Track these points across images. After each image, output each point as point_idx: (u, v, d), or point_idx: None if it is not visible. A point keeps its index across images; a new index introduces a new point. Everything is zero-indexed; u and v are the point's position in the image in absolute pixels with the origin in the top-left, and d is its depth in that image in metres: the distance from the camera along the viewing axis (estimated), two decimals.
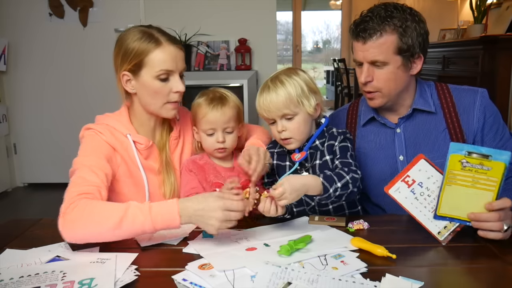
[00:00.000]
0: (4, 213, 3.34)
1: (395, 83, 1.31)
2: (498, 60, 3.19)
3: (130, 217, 1.04)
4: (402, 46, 1.27)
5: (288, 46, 9.25)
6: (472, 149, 1.05)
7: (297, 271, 0.92)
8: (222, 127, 1.30)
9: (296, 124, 1.26)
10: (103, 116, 1.34)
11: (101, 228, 1.05)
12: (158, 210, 1.05)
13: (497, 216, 1.03)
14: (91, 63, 3.84)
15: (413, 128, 1.38)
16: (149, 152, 1.34)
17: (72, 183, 1.15)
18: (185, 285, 0.89)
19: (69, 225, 1.06)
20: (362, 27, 1.27)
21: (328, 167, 1.27)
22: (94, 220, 1.05)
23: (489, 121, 1.33)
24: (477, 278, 0.94)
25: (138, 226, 1.04)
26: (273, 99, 1.24)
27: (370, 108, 1.43)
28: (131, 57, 1.24)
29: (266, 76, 1.36)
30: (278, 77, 1.27)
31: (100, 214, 1.06)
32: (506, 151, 1.04)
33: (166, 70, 1.24)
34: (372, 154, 1.41)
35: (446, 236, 1.10)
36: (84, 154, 1.23)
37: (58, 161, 3.89)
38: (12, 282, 0.90)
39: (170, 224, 1.05)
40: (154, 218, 1.04)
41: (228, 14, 3.81)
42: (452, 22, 4.81)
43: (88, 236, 1.06)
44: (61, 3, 3.78)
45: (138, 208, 1.05)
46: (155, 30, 1.28)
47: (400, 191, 1.13)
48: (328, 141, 1.29)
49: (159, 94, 1.26)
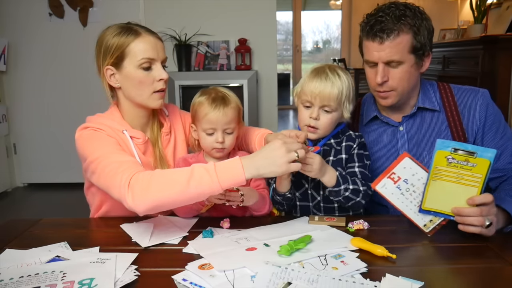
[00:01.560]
0: (4, 213, 3.34)
1: (409, 81, 1.31)
2: (498, 60, 3.19)
3: (197, 177, 1.04)
4: (416, 45, 1.27)
5: (288, 46, 9.24)
6: (458, 146, 1.07)
7: (297, 271, 0.92)
8: (222, 128, 1.30)
9: (329, 120, 1.27)
10: (95, 117, 1.33)
11: (171, 192, 1.05)
12: (222, 168, 1.05)
13: (478, 211, 1.05)
14: (91, 63, 3.81)
15: (416, 126, 1.39)
16: (145, 147, 1.35)
17: (112, 171, 1.13)
18: (185, 285, 0.89)
19: (140, 196, 1.06)
20: (379, 27, 1.26)
21: (342, 165, 1.29)
22: (163, 185, 1.05)
23: (490, 120, 1.34)
24: (477, 278, 0.94)
25: (206, 185, 1.04)
26: (327, 87, 1.24)
27: (373, 107, 1.44)
28: (112, 51, 1.26)
29: (266, 76, 1.36)
30: (336, 70, 1.28)
31: (167, 178, 1.06)
32: (492, 149, 1.06)
33: (148, 58, 1.26)
34: (374, 152, 1.42)
35: (431, 228, 1.13)
36: (96, 148, 1.21)
37: (58, 161, 3.89)
38: (12, 282, 0.90)
39: (235, 179, 1.04)
40: (220, 175, 1.04)
41: (228, 14, 3.81)
42: (452, 22, 4.81)
43: (160, 202, 1.06)
44: (61, 3, 3.78)
45: (203, 167, 1.06)
46: (132, 24, 1.30)
47: (386, 187, 1.16)
48: (346, 142, 1.31)
49: (143, 84, 1.27)
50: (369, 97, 1.49)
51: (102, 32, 1.31)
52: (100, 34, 1.31)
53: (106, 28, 1.31)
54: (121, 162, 1.15)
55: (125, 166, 1.13)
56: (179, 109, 1.51)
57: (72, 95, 3.90)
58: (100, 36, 1.31)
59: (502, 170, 1.31)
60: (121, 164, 1.14)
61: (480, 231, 1.06)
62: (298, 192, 1.34)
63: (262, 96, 3.91)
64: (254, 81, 3.72)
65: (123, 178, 1.09)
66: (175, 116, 1.46)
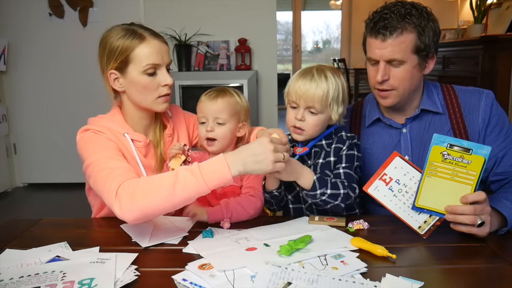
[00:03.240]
0: (4, 213, 3.34)
1: (410, 82, 1.30)
2: (498, 60, 3.20)
3: (181, 181, 1.03)
4: (420, 45, 1.25)
5: (288, 46, 9.24)
6: (454, 142, 1.08)
7: (297, 271, 0.92)
8: (212, 116, 1.29)
9: (315, 121, 1.25)
10: (97, 118, 1.33)
11: (158, 198, 1.03)
12: (207, 167, 1.04)
13: (472, 209, 1.05)
14: (91, 63, 3.81)
15: (419, 128, 1.38)
16: (147, 150, 1.34)
17: (104, 177, 1.12)
18: (185, 285, 0.89)
19: (126, 206, 1.05)
20: (383, 24, 1.24)
21: (330, 168, 1.27)
22: (149, 193, 1.04)
23: (493, 121, 1.32)
24: (477, 278, 0.94)
25: (192, 188, 1.03)
26: (311, 89, 1.23)
27: (376, 108, 1.43)
28: (116, 55, 1.25)
29: (266, 76, 1.36)
30: (324, 71, 1.26)
31: (152, 185, 1.05)
32: (487, 146, 1.06)
33: (152, 64, 1.25)
34: (377, 154, 1.41)
35: (426, 230, 1.12)
36: (94, 153, 1.20)
37: (58, 161, 3.89)
38: (12, 282, 0.90)
39: (221, 177, 1.03)
40: (205, 175, 1.02)
41: (228, 14, 3.81)
42: (452, 22, 4.82)
43: (148, 209, 1.05)
44: (61, 3, 3.78)
45: (187, 170, 1.04)
46: (137, 26, 1.29)
47: (378, 189, 1.16)
48: (335, 144, 1.29)
49: (148, 89, 1.26)
50: (372, 98, 1.47)
51: (106, 32, 1.29)
52: (104, 34, 1.29)
53: (110, 28, 1.30)
54: (113, 168, 1.14)
55: (116, 173, 1.12)
56: (182, 110, 1.51)
57: (72, 95, 3.90)
58: (104, 36, 1.29)
59: (504, 173, 1.30)
60: (113, 171, 1.13)
61: (470, 230, 1.06)
62: (290, 195, 1.33)
63: (262, 96, 3.91)
64: (254, 81, 3.72)
65: (112, 186, 1.08)
66: (179, 117, 1.46)
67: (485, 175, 1.32)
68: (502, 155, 1.30)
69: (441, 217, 1.10)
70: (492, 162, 1.30)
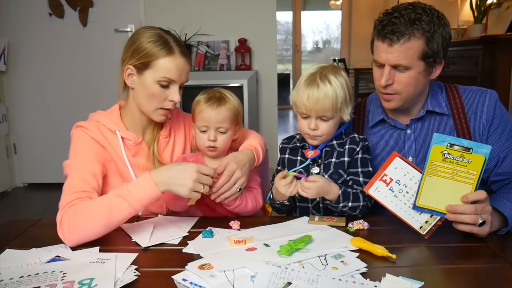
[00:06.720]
0: (4, 213, 3.34)
1: (415, 88, 1.28)
2: (498, 60, 3.20)
3: (116, 209, 1.11)
4: (427, 52, 1.23)
5: (288, 46, 9.24)
6: (454, 141, 1.08)
7: (297, 271, 0.92)
8: (215, 126, 1.30)
9: (329, 126, 1.26)
10: (95, 113, 1.37)
11: (96, 227, 1.11)
12: (136, 189, 1.12)
13: (473, 208, 1.05)
14: (91, 63, 3.84)
15: (424, 129, 1.37)
16: (137, 149, 1.35)
17: (64, 192, 1.20)
18: (185, 285, 0.89)
19: (68, 233, 1.11)
20: (391, 28, 1.22)
21: (343, 168, 1.28)
22: (87, 222, 1.11)
23: (496, 121, 1.32)
24: (477, 278, 0.94)
25: (126, 211, 1.12)
26: (320, 100, 1.22)
27: (380, 109, 1.42)
28: (140, 55, 1.26)
29: (266, 76, 1.37)
30: (327, 76, 1.25)
31: (89, 214, 1.11)
32: (487, 145, 1.06)
33: (169, 78, 1.26)
34: (381, 155, 1.40)
35: (428, 230, 1.12)
36: (73, 156, 1.28)
37: (58, 161, 3.82)
38: (12, 282, 0.90)
39: (151, 194, 1.12)
40: (135, 196, 1.11)
41: (228, 14, 3.81)
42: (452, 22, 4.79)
43: (87, 237, 1.11)
44: (61, 3, 3.78)
45: (118, 195, 1.12)
46: (172, 37, 1.30)
47: (379, 190, 1.16)
48: (349, 145, 1.30)
49: (154, 98, 1.28)
50: (375, 98, 1.45)
51: (140, 29, 1.31)
52: (138, 29, 1.31)
53: (146, 27, 1.32)
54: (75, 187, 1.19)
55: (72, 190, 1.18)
56: (183, 112, 1.51)
57: (72, 95, 3.89)
58: (137, 32, 1.30)
59: (505, 174, 1.29)
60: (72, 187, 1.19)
61: (471, 229, 1.06)
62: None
63: (262, 96, 3.91)
64: (254, 81, 3.72)
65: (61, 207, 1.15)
66: (178, 119, 1.46)
67: (487, 175, 1.32)
68: (504, 155, 1.29)
69: (442, 216, 1.10)
70: (494, 162, 1.29)
